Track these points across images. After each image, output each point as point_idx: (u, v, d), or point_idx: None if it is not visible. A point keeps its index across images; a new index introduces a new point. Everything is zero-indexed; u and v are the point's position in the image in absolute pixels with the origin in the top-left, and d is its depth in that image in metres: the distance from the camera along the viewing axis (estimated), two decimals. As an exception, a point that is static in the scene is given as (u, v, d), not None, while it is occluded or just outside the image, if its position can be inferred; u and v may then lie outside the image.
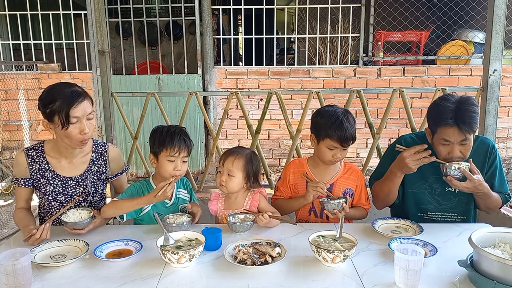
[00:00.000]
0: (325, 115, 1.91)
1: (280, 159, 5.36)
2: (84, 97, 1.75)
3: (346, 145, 1.89)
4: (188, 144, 1.87)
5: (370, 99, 4.88)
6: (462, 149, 1.77)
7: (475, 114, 1.73)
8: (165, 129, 1.88)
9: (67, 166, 1.89)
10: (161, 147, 1.83)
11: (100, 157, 1.96)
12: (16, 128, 5.09)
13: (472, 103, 1.74)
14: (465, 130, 1.71)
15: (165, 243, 1.54)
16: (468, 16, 5.47)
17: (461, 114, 1.71)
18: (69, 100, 1.70)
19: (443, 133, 1.76)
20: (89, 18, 4.74)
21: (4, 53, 5.63)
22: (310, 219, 2.04)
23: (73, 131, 1.73)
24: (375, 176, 2.09)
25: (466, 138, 1.74)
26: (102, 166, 1.97)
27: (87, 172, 1.92)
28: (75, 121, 1.72)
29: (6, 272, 1.26)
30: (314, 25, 5.25)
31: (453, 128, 1.72)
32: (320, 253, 1.45)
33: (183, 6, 5.28)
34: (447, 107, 1.74)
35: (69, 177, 1.89)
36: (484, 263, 1.30)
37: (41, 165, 1.86)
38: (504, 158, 5.30)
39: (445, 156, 1.81)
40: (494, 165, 1.95)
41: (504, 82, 5.05)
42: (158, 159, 1.86)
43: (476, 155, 1.88)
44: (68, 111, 1.69)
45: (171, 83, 5.10)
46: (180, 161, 1.84)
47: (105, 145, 2.00)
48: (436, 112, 1.80)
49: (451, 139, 1.75)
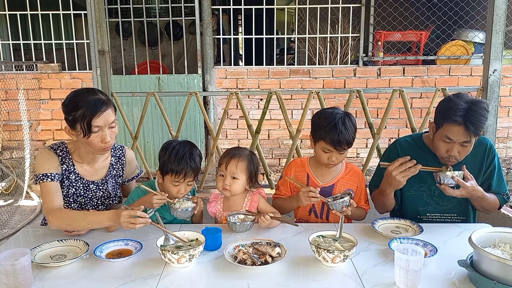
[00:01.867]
0: (322, 117, 1.89)
1: (280, 159, 5.36)
2: (108, 105, 1.71)
3: (340, 149, 1.84)
4: (195, 168, 1.81)
5: (370, 99, 4.87)
6: (461, 150, 1.76)
7: (484, 119, 1.71)
8: (174, 151, 1.79)
9: (89, 170, 1.88)
10: (167, 170, 1.79)
11: (118, 160, 1.96)
12: (16, 128, 5.09)
13: (484, 107, 1.72)
14: (471, 131, 1.69)
15: (165, 243, 1.54)
16: (468, 16, 5.47)
17: (471, 115, 1.69)
18: (92, 109, 1.66)
19: (448, 130, 1.74)
20: (89, 18, 4.75)
21: (4, 53, 5.63)
22: (310, 219, 2.04)
23: (95, 140, 1.71)
24: (374, 183, 2.08)
25: (469, 140, 1.73)
26: (120, 170, 1.97)
27: (107, 177, 1.92)
28: (96, 130, 1.69)
29: (6, 272, 1.27)
30: (314, 25, 5.25)
31: (459, 126, 1.70)
32: (320, 253, 1.45)
33: (183, 6, 5.28)
34: (459, 104, 1.71)
35: (91, 181, 1.88)
36: (484, 263, 1.30)
37: (68, 166, 1.83)
38: (504, 158, 5.30)
39: (443, 153, 1.80)
40: (492, 165, 1.94)
41: (504, 82, 5.05)
42: (164, 178, 1.83)
43: (474, 154, 1.86)
44: (90, 120, 1.66)
45: (171, 83, 5.10)
46: (184, 185, 1.82)
47: (123, 148, 1.99)
48: (447, 107, 1.76)
49: (454, 138, 1.73)
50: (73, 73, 5.13)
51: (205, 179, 3.04)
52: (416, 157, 1.91)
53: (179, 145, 1.83)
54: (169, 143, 1.86)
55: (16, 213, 4.42)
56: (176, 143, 1.85)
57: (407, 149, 1.97)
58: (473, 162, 1.90)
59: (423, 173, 1.92)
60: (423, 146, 1.96)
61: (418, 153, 1.92)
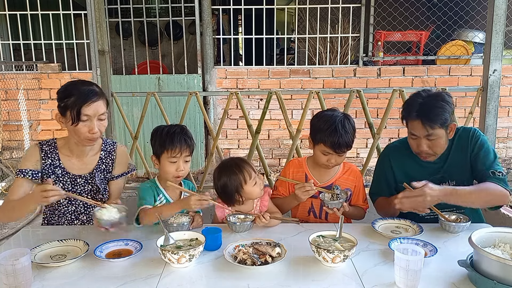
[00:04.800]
0: (322, 119, 1.90)
1: (280, 159, 5.36)
2: (100, 97, 1.77)
3: (339, 151, 1.86)
4: (189, 143, 1.84)
5: (370, 99, 4.87)
6: (430, 144, 1.80)
7: (441, 110, 1.74)
8: (165, 130, 1.85)
9: (77, 164, 1.90)
10: (162, 148, 1.81)
11: (108, 155, 1.97)
12: (16, 128, 5.10)
13: (441, 99, 1.76)
14: (427, 124, 1.74)
15: (165, 243, 1.54)
16: (468, 16, 5.47)
17: (425, 109, 1.75)
18: (84, 97, 1.72)
19: (411, 126, 1.82)
20: (89, 18, 4.73)
21: (4, 53, 5.63)
22: (309, 219, 2.04)
23: (82, 129, 1.74)
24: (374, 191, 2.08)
25: (431, 133, 1.76)
26: (109, 165, 1.97)
27: (96, 170, 1.92)
28: (85, 119, 1.73)
29: (6, 272, 1.26)
30: (314, 25, 5.25)
31: (416, 121, 1.76)
32: (320, 253, 1.45)
33: (183, 6, 5.28)
34: (415, 101, 1.79)
35: (78, 175, 1.89)
36: (484, 263, 1.30)
37: (53, 161, 1.86)
38: (504, 158, 5.30)
39: (415, 149, 1.86)
40: (477, 147, 1.86)
41: (504, 82, 5.05)
42: (160, 160, 1.84)
43: (459, 145, 1.89)
44: (80, 108, 1.71)
45: (171, 83, 5.10)
46: (182, 161, 1.83)
47: (114, 144, 2.00)
48: (407, 105, 1.85)
49: (417, 133, 1.79)
50: (73, 73, 5.13)
51: (205, 179, 3.04)
52: (406, 159, 1.96)
53: (169, 126, 1.90)
54: (158, 126, 1.90)
55: (16, 213, 4.40)
56: (165, 125, 1.92)
57: (397, 154, 2.01)
58: (459, 151, 1.89)
59: (420, 176, 1.91)
60: (408, 148, 1.95)
61: (408, 155, 1.95)
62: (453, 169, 1.90)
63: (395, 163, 1.99)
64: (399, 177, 1.96)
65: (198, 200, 1.63)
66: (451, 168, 1.90)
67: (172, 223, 1.73)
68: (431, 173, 1.90)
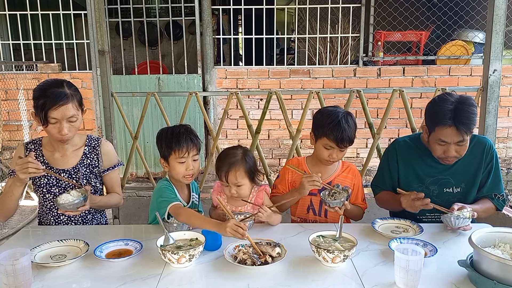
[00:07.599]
0: (325, 115, 1.91)
1: (280, 159, 5.36)
2: (68, 100, 1.75)
3: (342, 146, 1.88)
4: (196, 142, 1.86)
5: (370, 99, 4.87)
6: (458, 149, 1.78)
7: (474, 115, 1.73)
8: (169, 132, 1.86)
9: (60, 159, 1.93)
10: (169, 150, 1.82)
11: (92, 150, 1.98)
12: (16, 128, 5.09)
13: (471, 104, 1.74)
14: (463, 131, 1.71)
15: (165, 243, 1.54)
16: (468, 16, 5.47)
17: (460, 115, 1.70)
18: (51, 101, 1.72)
19: (441, 133, 1.76)
20: (89, 18, 4.75)
21: (4, 53, 5.63)
22: (308, 217, 2.05)
23: (52, 130, 1.78)
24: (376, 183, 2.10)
25: (464, 139, 1.74)
26: (95, 160, 1.98)
27: (79, 165, 1.94)
28: (54, 122, 1.76)
29: (6, 272, 1.26)
30: (314, 25, 5.25)
31: (451, 128, 1.72)
32: (320, 253, 1.45)
33: (183, 6, 5.28)
34: (446, 108, 1.73)
35: (62, 170, 1.91)
36: (484, 263, 1.30)
37: (37, 158, 1.88)
38: (504, 158, 5.30)
39: (440, 155, 1.82)
40: (490, 165, 1.93)
41: (504, 82, 5.04)
42: (169, 162, 1.85)
43: (472, 154, 1.88)
44: (47, 111, 1.73)
45: (171, 83, 5.10)
46: (191, 160, 1.84)
47: (98, 140, 2.02)
48: (434, 112, 1.79)
49: (448, 140, 1.75)
50: (73, 73, 5.13)
51: (205, 179, 3.04)
52: (414, 157, 1.96)
53: (172, 127, 1.91)
54: (163, 129, 1.92)
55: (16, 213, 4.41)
56: (168, 127, 1.94)
57: (405, 149, 2.00)
58: (471, 160, 1.91)
59: (421, 174, 1.94)
60: (421, 145, 1.98)
61: (416, 152, 1.97)
62: (460, 175, 1.92)
63: (401, 159, 2.00)
64: (404, 173, 1.98)
65: (234, 230, 1.52)
66: (458, 173, 1.92)
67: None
68: (437, 174, 1.92)
